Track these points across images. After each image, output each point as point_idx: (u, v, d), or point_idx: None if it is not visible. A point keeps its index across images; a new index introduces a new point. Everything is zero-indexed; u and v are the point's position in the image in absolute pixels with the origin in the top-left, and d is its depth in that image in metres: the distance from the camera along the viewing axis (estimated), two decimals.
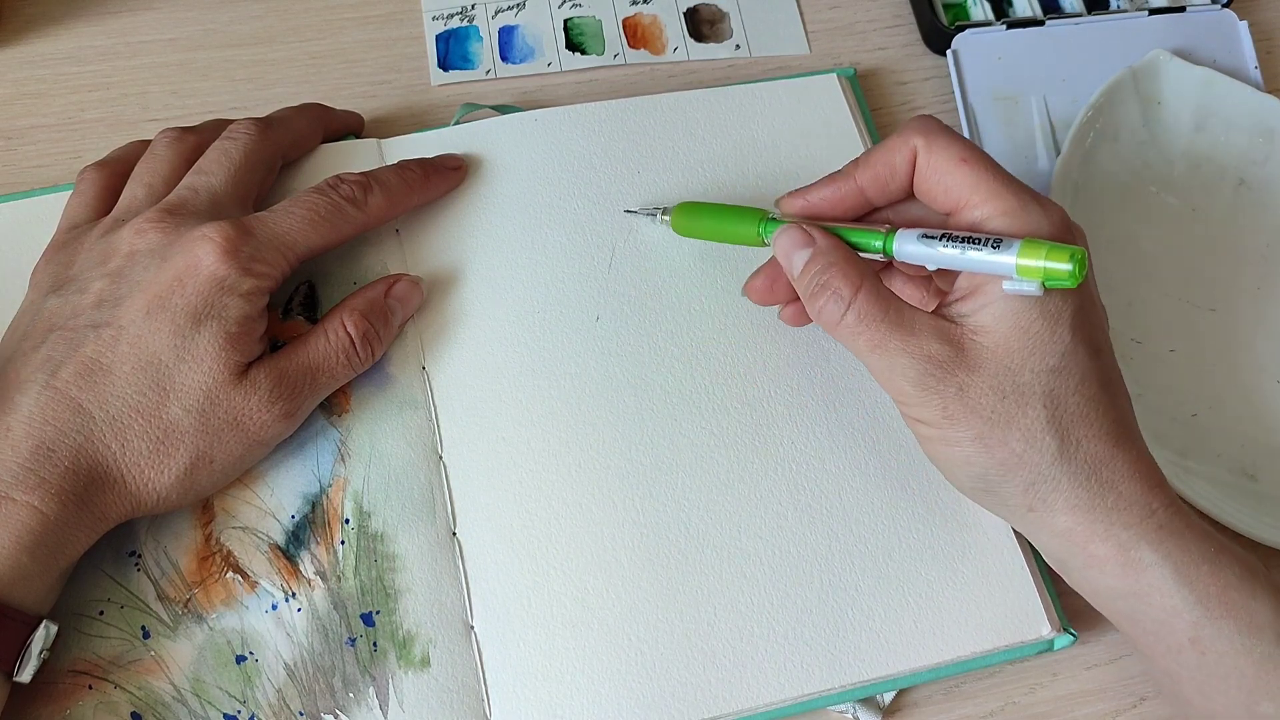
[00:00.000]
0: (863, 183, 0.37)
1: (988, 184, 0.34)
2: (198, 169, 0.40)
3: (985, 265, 0.33)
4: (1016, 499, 0.34)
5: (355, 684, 0.36)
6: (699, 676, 0.37)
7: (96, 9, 0.51)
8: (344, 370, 0.39)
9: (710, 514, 0.39)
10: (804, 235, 0.36)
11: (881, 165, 0.36)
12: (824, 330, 0.36)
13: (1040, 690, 0.39)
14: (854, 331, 0.34)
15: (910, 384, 0.34)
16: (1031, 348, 0.33)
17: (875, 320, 0.34)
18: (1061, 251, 0.31)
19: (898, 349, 0.34)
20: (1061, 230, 0.34)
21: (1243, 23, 0.52)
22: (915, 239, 0.34)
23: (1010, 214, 0.33)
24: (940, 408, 0.33)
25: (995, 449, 0.33)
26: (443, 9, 0.52)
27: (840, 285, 0.34)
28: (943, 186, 0.35)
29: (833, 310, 0.35)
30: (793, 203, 0.38)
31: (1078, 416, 0.33)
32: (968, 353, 0.33)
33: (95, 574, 0.37)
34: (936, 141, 0.35)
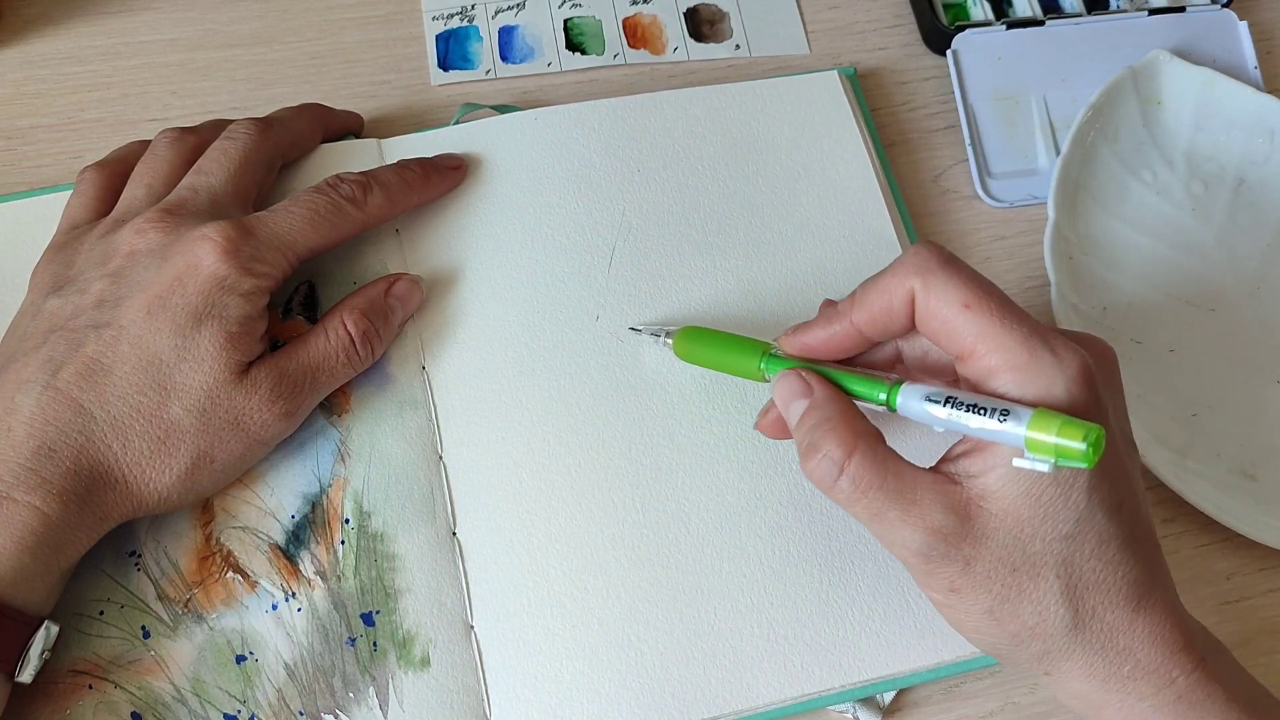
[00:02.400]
0: (859, 324, 0.34)
1: (994, 332, 0.30)
2: (198, 169, 0.40)
3: (993, 436, 0.30)
4: (1030, 665, 0.32)
5: (355, 684, 0.36)
6: (699, 676, 0.37)
7: (96, 9, 0.51)
8: (344, 369, 0.39)
9: (710, 514, 0.39)
10: (802, 384, 0.34)
11: (878, 308, 0.33)
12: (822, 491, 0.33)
13: (1040, 690, 0.39)
14: (849, 498, 0.32)
15: (913, 556, 0.31)
16: (1043, 516, 0.30)
17: (872, 488, 0.31)
18: (1075, 429, 0.28)
19: (898, 520, 0.31)
20: (1080, 387, 0.30)
21: (1243, 23, 0.52)
22: (919, 398, 0.31)
23: (1020, 369, 0.30)
24: (946, 581, 0.31)
25: (1006, 623, 0.31)
26: (443, 9, 0.52)
27: (832, 448, 0.32)
28: (946, 333, 0.31)
29: (825, 473, 0.32)
30: (791, 341, 0.35)
31: (1093, 583, 0.31)
32: (974, 522, 0.30)
33: (95, 574, 0.37)
34: (935, 283, 0.31)
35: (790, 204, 0.45)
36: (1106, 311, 0.45)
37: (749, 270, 0.44)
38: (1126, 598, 0.31)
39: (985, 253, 0.47)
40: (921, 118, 0.50)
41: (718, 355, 0.39)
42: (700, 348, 0.40)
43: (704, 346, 0.39)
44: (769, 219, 0.45)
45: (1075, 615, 0.31)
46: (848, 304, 0.34)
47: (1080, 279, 0.45)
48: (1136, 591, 0.31)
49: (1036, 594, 0.31)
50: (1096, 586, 0.31)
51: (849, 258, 0.44)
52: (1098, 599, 0.31)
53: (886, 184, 0.46)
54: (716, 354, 0.39)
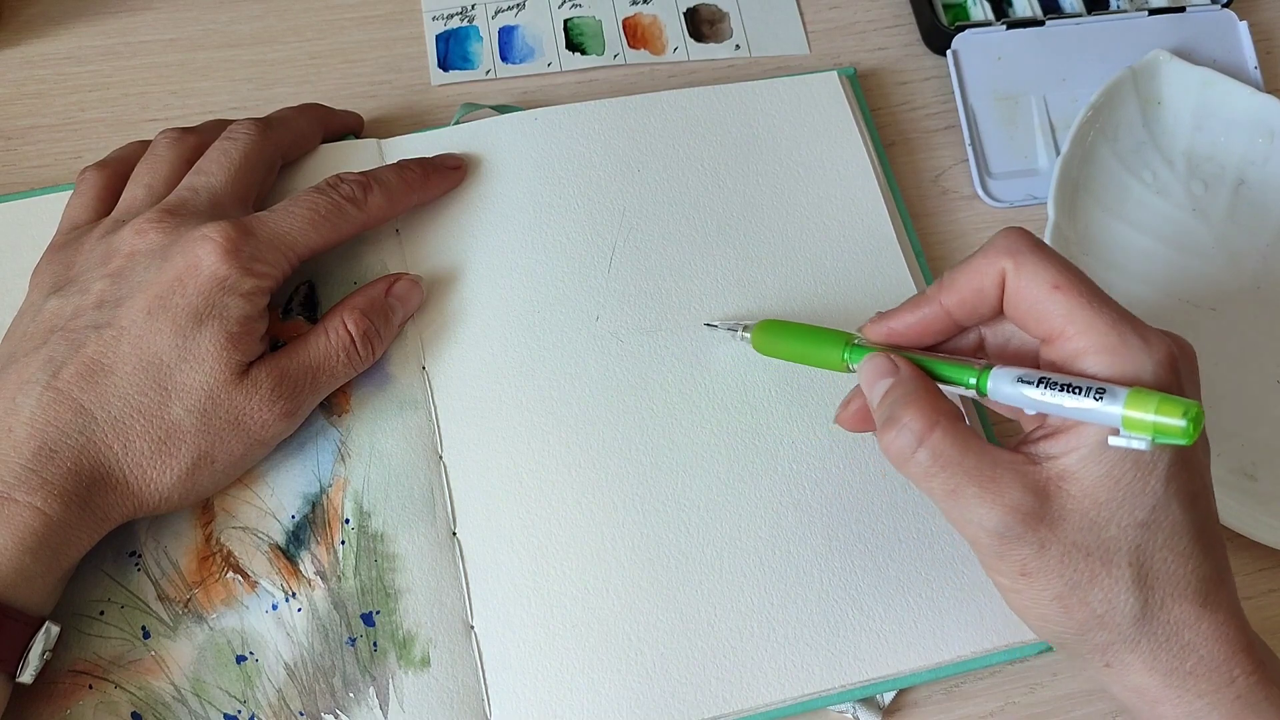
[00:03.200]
0: (949, 306, 0.34)
1: (1084, 315, 0.31)
2: (198, 169, 0.40)
3: (1088, 416, 0.29)
4: (1093, 656, 0.32)
5: (355, 684, 0.36)
6: (699, 676, 0.37)
7: (96, 9, 0.51)
8: (344, 369, 0.39)
9: (710, 514, 0.39)
10: (888, 364, 0.33)
11: (968, 289, 0.33)
12: (896, 468, 0.33)
13: (1040, 690, 0.39)
14: (927, 472, 0.31)
15: (987, 536, 0.31)
16: (1121, 500, 0.30)
17: (951, 463, 0.31)
18: (1175, 406, 0.28)
19: (974, 497, 0.31)
20: (1167, 371, 0.30)
21: (1243, 23, 0.52)
22: (1011, 381, 0.31)
23: (1110, 351, 0.30)
24: (1019, 564, 0.31)
25: (1074, 610, 0.31)
26: (443, 9, 0.52)
27: (913, 420, 0.31)
28: (1035, 315, 0.32)
29: (903, 445, 0.32)
30: (876, 329, 0.35)
31: (1164, 575, 0.31)
32: (1052, 503, 0.30)
33: (95, 574, 0.37)
34: (1026, 264, 0.32)
35: (790, 204, 0.45)
36: None
37: (749, 270, 0.44)
38: (1195, 592, 0.31)
39: None
40: (921, 118, 0.50)
41: (799, 347, 0.38)
42: (781, 340, 0.39)
43: (785, 339, 0.39)
44: (769, 219, 0.45)
45: (1144, 606, 0.31)
46: (936, 288, 0.34)
47: None
48: (1205, 587, 0.31)
49: (1108, 581, 0.30)
50: (1167, 578, 0.31)
51: (849, 258, 0.44)
52: (1167, 590, 0.31)
53: (886, 184, 0.46)
54: (798, 346, 0.38)
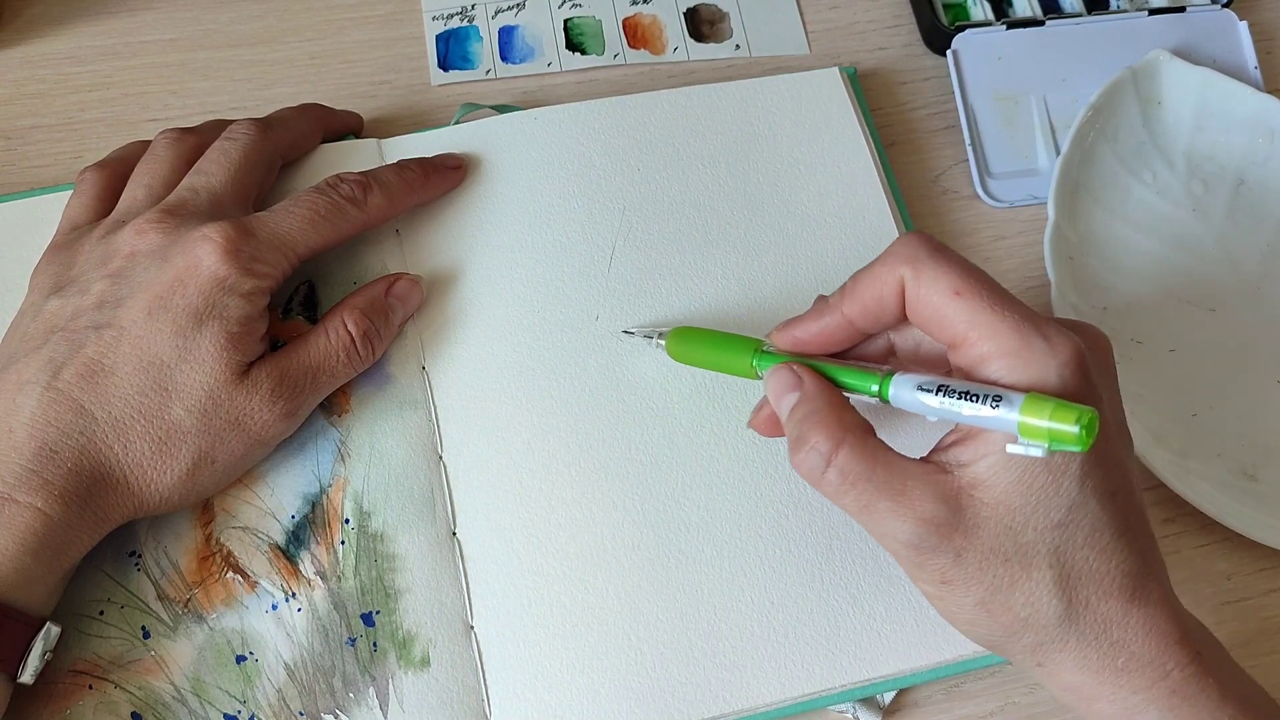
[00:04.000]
0: (850, 315, 0.33)
1: (986, 319, 0.30)
2: (198, 169, 0.40)
3: (985, 423, 0.29)
4: (1023, 657, 0.32)
5: (355, 684, 0.36)
6: (699, 676, 0.37)
7: (96, 9, 0.51)
8: (345, 369, 0.39)
9: (710, 513, 0.39)
10: (793, 378, 0.33)
11: (869, 298, 0.33)
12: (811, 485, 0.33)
13: (1040, 690, 0.39)
14: (838, 490, 0.31)
15: (904, 547, 0.31)
16: (1035, 503, 0.30)
17: (860, 479, 0.31)
18: (1068, 412, 0.28)
19: (887, 511, 0.31)
20: (1072, 372, 0.30)
21: (1243, 23, 0.52)
22: (911, 388, 0.31)
23: (1013, 354, 0.30)
24: (938, 573, 0.31)
25: (998, 615, 0.31)
26: (443, 9, 0.52)
27: (820, 440, 0.31)
28: (937, 321, 0.31)
29: (812, 466, 0.32)
30: (782, 337, 0.35)
31: (1086, 573, 0.30)
32: (965, 512, 0.30)
33: (95, 574, 0.37)
34: (925, 271, 0.31)
35: (791, 203, 0.45)
36: (1106, 311, 0.45)
37: (749, 269, 0.44)
38: (1121, 588, 0.31)
39: (985, 253, 0.47)
40: (921, 118, 0.50)
41: (710, 354, 0.39)
42: (692, 348, 0.39)
43: (696, 346, 0.39)
44: (769, 218, 0.45)
45: (1068, 606, 0.30)
46: (838, 296, 0.34)
47: (1080, 279, 0.45)
48: (1131, 582, 0.31)
49: (1029, 585, 0.30)
50: (1090, 576, 0.31)
51: (849, 257, 0.44)
52: (1091, 589, 0.31)
53: (887, 184, 0.46)
54: (708, 353, 0.39)
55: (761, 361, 0.36)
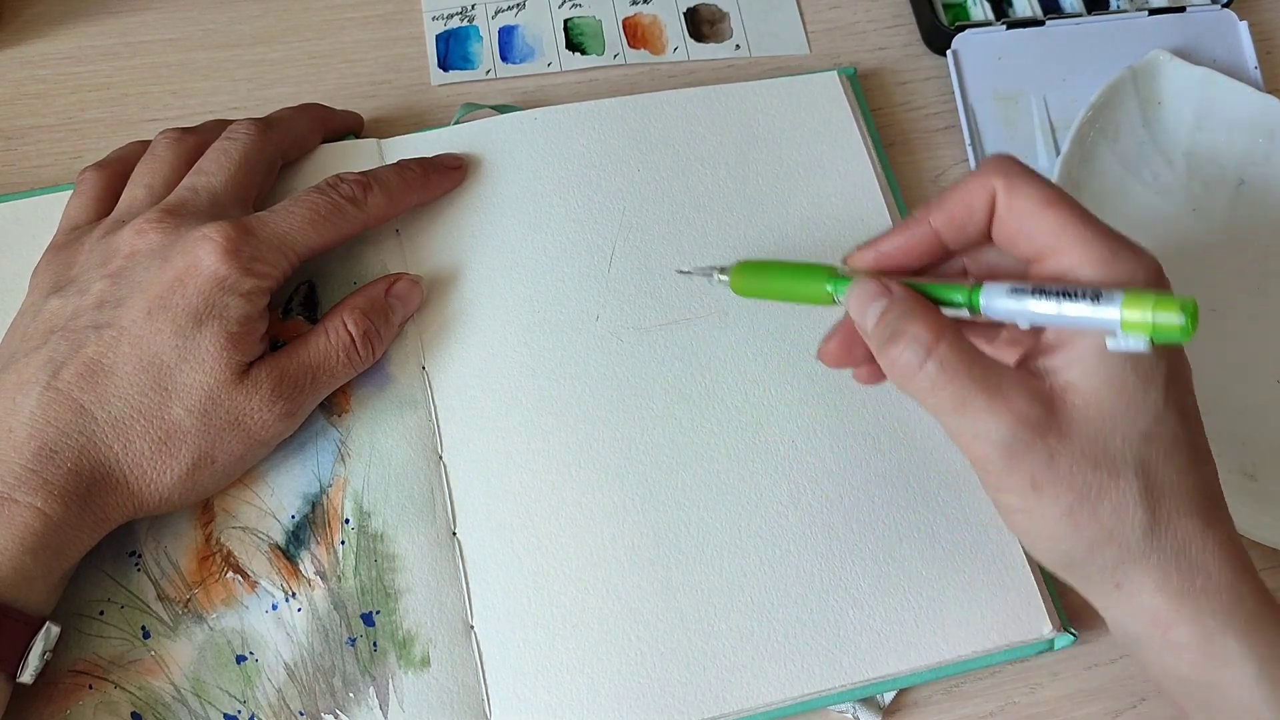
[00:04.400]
0: (937, 226, 0.33)
1: (1076, 229, 0.31)
2: (198, 169, 0.40)
3: (1085, 321, 0.29)
4: (1103, 576, 0.31)
5: (355, 684, 0.36)
6: (699, 676, 0.37)
7: (96, 9, 0.51)
8: (345, 369, 0.39)
9: (710, 513, 0.39)
10: (880, 286, 0.33)
11: (958, 207, 0.33)
12: (898, 387, 0.32)
13: (1040, 690, 0.39)
14: (934, 384, 0.31)
15: (995, 449, 0.30)
16: (1124, 410, 0.30)
17: (959, 374, 0.30)
18: (1171, 302, 0.28)
19: (983, 407, 0.30)
20: (1158, 279, 0.30)
21: (1243, 23, 0.52)
22: (1004, 293, 0.31)
23: (1103, 262, 0.30)
24: (1029, 478, 0.30)
25: (1085, 525, 0.30)
26: (443, 9, 0.52)
27: (919, 331, 0.31)
28: (1025, 232, 0.31)
29: (910, 359, 0.31)
30: (863, 256, 0.34)
31: (1169, 489, 0.30)
32: (1058, 414, 0.30)
33: (95, 574, 0.37)
34: (1018, 183, 0.32)
35: (790, 204, 0.45)
36: None
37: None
38: (1199, 508, 0.31)
39: None
40: (921, 118, 0.50)
41: (781, 284, 0.37)
42: (761, 279, 0.37)
43: (765, 277, 0.37)
44: (769, 219, 0.45)
45: (1152, 519, 0.30)
46: (924, 209, 0.34)
47: None
48: (1207, 504, 0.31)
49: (1116, 493, 0.30)
50: (1172, 492, 0.31)
51: None
52: (1173, 505, 0.30)
53: (887, 184, 0.46)
54: (779, 283, 0.37)
55: (838, 285, 0.35)
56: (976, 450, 0.31)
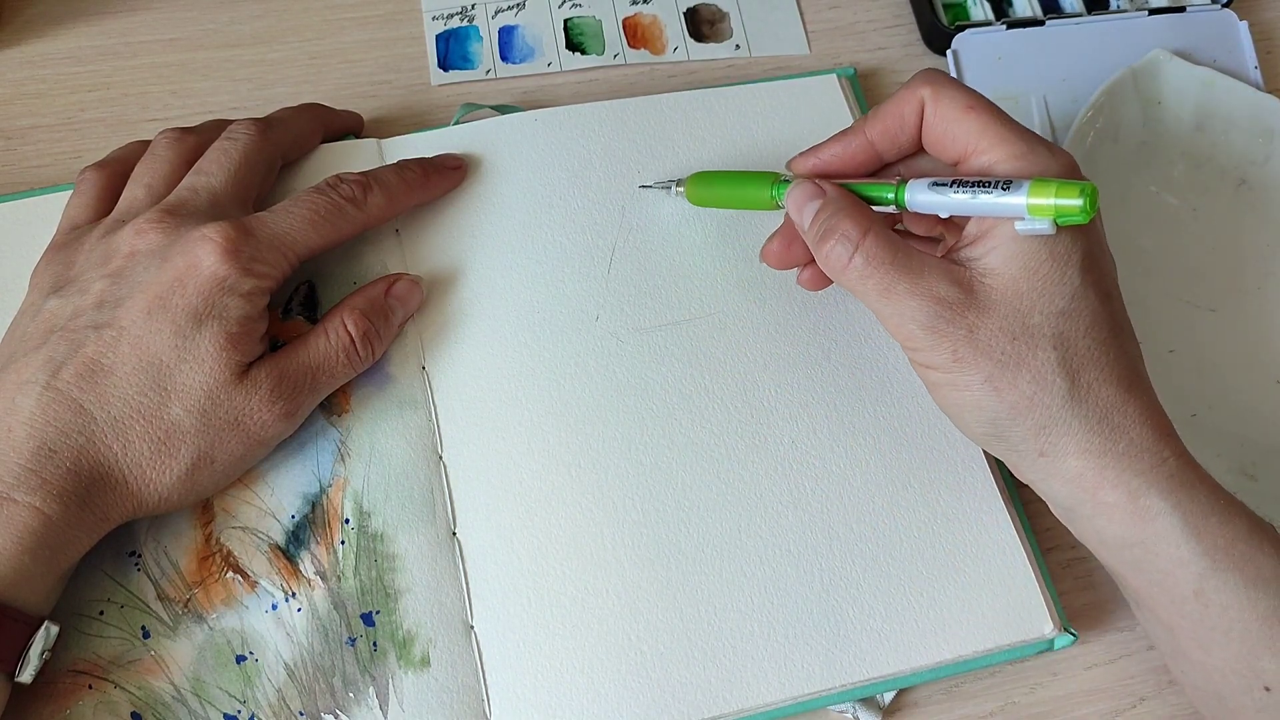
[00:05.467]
0: (872, 136, 0.37)
1: (995, 129, 0.34)
2: (198, 169, 0.40)
3: (997, 208, 0.32)
4: (1028, 444, 0.34)
5: (355, 684, 0.36)
6: (699, 676, 0.37)
7: (96, 9, 0.51)
8: (344, 369, 0.39)
9: (710, 513, 0.39)
10: (815, 188, 0.36)
11: (891, 118, 0.36)
12: (833, 278, 0.36)
13: (1040, 690, 0.39)
14: (862, 275, 0.34)
15: (919, 327, 0.33)
16: (1040, 289, 0.33)
17: (884, 263, 0.34)
18: (1071, 187, 0.31)
19: (906, 291, 0.33)
20: (1071, 173, 0.34)
21: (1243, 23, 0.52)
22: (925, 188, 0.34)
23: (1019, 157, 0.34)
24: (950, 351, 0.33)
25: (1005, 392, 0.33)
26: (443, 9, 0.52)
27: (848, 228, 0.34)
28: (950, 135, 0.35)
29: (840, 253, 0.34)
30: (804, 161, 0.38)
31: (1088, 360, 0.33)
32: (977, 295, 0.33)
33: (95, 574, 0.37)
34: (943, 91, 0.35)
35: None
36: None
37: (749, 269, 0.44)
38: (1119, 378, 0.33)
39: None
40: None
41: (729, 192, 0.41)
42: (712, 189, 0.42)
43: (715, 187, 0.42)
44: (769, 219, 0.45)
45: (1071, 386, 0.33)
46: (860, 122, 0.38)
47: None
48: (1128, 375, 0.33)
49: (1035, 363, 0.33)
50: (1091, 363, 0.33)
51: None
52: (1093, 374, 0.33)
53: None
54: (728, 191, 0.41)
55: (780, 189, 0.39)
56: (903, 331, 0.34)
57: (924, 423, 0.41)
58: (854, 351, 0.42)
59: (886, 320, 0.34)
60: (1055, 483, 0.34)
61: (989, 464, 0.41)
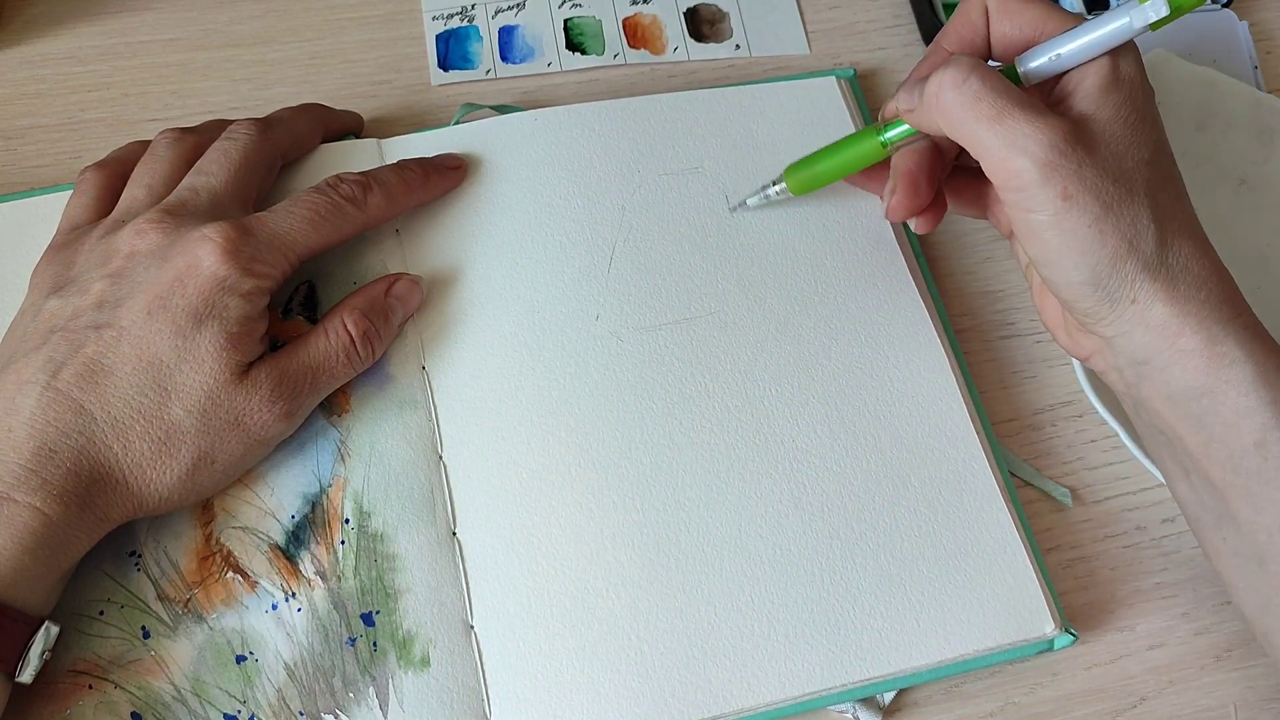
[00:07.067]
0: (950, 47, 0.38)
1: (1058, 12, 0.36)
2: (198, 169, 0.40)
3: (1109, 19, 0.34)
4: (1123, 289, 0.34)
5: (355, 684, 0.36)
6: (699, 676, 0.37)
7: (96, 9, 0.51)
8: (344, 369, 0.39)
9: (710, 513, 0.39)
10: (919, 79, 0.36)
11: (961, 25, 0.38)
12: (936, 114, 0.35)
13: (1040, 690, 0.39)
14: (977, 95, 0.34)
15: (1031, 160, 0.33)
16: (1131, 137, 0.34)
17: (998, 87, 0.34)
18: None
19: (1021, 118, 0.33)
20: None
21: (1243, 23, 0.52)
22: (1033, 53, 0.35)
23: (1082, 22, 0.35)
24: (1060, 188, 0.33)
25: (1109, 235, 0.33)
26: (443, 9, 0.52)
27: (960, 59, 0.34)
28: (1017, 24, 0.37)
29: (956, 72, 0.34)
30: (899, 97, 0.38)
31: (1169, 212, 0.34)
32: (1083, 132, 0.34)
33: (95, 574, 0.37)
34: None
35: (790, 204, 0.45)
36: None
37: (749, 270, 0.44)
38: (1193, 234, 0.34)
39: (985, 253, 0.47)
40: None
41: (836, 160, 0.42)
42: (814, 170, 0.42)
43: (818, 164, 0.42)
44: (768, 219, 0.45)
45: (1160, 235, 0.34)
46: (935, 41, 0.39)
47: None
48: (1198, 233, 0.35)
49: (1133, 207, 0.33)
50: (1173, 214, 0.34)
51: (848, 257, 0.44)
52: (1174, 226, 0.34)
53: None
54: (834, 161, 0.42)
55: (888, 129, 0.39)
56: (1012, 164, 0.33)
57: (924, 422, 0.41)
58: (854, 351, 0.42)
59: (993, 153, 0.34)
60: (1138, 332, 0.34)
61: (989, 464, 0.41)
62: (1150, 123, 0.34)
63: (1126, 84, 0.34)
